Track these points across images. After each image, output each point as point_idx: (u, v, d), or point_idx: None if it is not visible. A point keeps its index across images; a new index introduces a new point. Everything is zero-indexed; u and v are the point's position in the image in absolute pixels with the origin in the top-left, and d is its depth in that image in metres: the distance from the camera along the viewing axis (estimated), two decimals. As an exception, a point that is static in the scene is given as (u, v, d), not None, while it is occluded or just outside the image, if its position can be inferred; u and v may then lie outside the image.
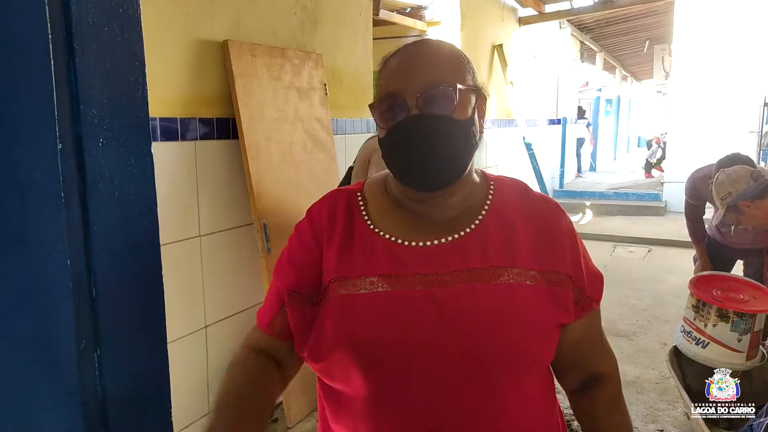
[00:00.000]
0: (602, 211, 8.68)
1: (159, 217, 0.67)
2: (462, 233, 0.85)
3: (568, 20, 8.91)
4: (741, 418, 2.04)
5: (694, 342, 2.21)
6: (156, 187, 0.69)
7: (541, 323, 0.82)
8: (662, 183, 9.09)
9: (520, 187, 0.94)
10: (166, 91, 2.35)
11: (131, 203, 0.64)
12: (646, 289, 5.06)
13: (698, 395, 2.31)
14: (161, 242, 0.81)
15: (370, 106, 0.85)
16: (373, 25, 3.97)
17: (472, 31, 5.65)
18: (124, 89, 0.60)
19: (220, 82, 2.57)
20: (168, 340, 0.84)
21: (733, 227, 2.82)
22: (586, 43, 10.88)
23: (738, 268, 3.14)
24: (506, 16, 6.64)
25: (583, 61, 11.37)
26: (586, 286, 0.90)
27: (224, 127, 2.60)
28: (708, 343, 2.16)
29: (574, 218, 8.38)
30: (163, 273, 0.67)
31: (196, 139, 2.47)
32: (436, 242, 0.84)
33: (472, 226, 0.86)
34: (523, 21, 7.05)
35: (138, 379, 0.66)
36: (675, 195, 8.49)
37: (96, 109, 0.57)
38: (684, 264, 5.64)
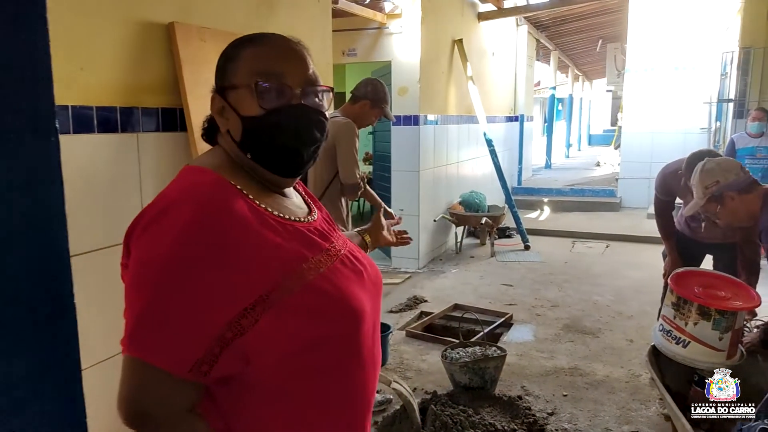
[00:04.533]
0: (559, 208, 8.76)
1: (95, 220, 0.51)
2: (316, 206, 1.00)
3: (525, 17, 8.95)
4: (723, 420, 1.97)
5: (675, 341, 2.13)
6: (93, 186, 0.50)
7: None
8: (616, 179, 9.24)
9: None
10: (104, 77, 2.12)
11: (33, 209, 0.48)
12: (607, 284, 5.06)
13: (677, 395, 2.23)
14: (97, 247, 0.65)
15: (233, 84, 0.87)
16: (332, 17, 3.79)
17: (433, 24, 5.54)
18: (19, 74, 0.44)
19: (165, 68, 2.35)
20: (83, 366, 0.67)
21: (704, 223, 2.78)
22: (542, 41, 10.98)
23: (707, 264, 3.11)
24: (466, 11, 6.56)
25: (538, 59, 11.49)
26: None
27: (170, 118, 2.38)
28: (689, 342, 2.08)
29: (532, 214, 8.42)
30: (95, 283, 0.51)
31: (139, 131, 2.24)
32: (315, 216, 0.95)
33: (299, 196, 1.00)
34: (482, 16, 6.99)
35: (47, 421, 0.50)
36: (629, 191, 8.66)
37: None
38: (643, 259, 5.70)
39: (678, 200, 3.05)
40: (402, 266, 5.64)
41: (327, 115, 0.91)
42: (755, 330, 2.36)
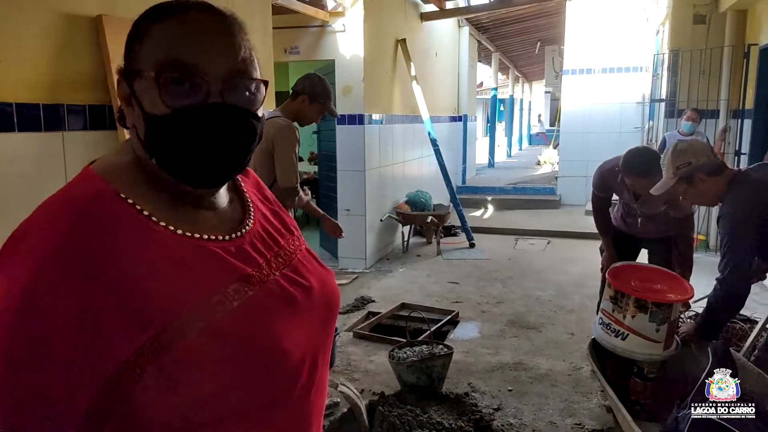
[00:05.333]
0: (503, 206, 8.93)
1: (12, 227, 0.45)
2: (263, 209, 0.84)
3: (466, 19, 9.07)
4: (661, 408, 2.03)
5: (614, 334, 2.18)
6: (11, 191, 0.43)
7: None
8: (556, 178, 9.51)
9: None
10: (26, 72, 1.99)
11: None
12: (549, 280, 5.18)
13: (618, 387, 2.29)
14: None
15: (137, 69, 0.68)
16: (273, 14, 3.70)
17: (376, 23, 5.52)
18: None
19: (93, 63, 2.22)
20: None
21: (639, 219, 2.87)
22: (483, 42, 11.17)
23: (642, 258, 3.22)
24: (409, 11, 6.58)
25: (480, 61, 11.68)
26: None
27: (99, 116, 2.25)
28: (627, 334, 2.14)
29: (476, 213, 8.54)
30: None
31: (64, 130, 2.11)
32: (244, 230, 0.77)
33: (236, 201, 0.82)
34: (425, 17, 7.04)
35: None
36: (568, 189, 8.93)
37: None
38: (582, 255, 5.87)
39: (614, 197, 3.15)
40: (349, 267, 5.60)
41: (259, 114, 0.73)
42: (689, 321, 2.46)
